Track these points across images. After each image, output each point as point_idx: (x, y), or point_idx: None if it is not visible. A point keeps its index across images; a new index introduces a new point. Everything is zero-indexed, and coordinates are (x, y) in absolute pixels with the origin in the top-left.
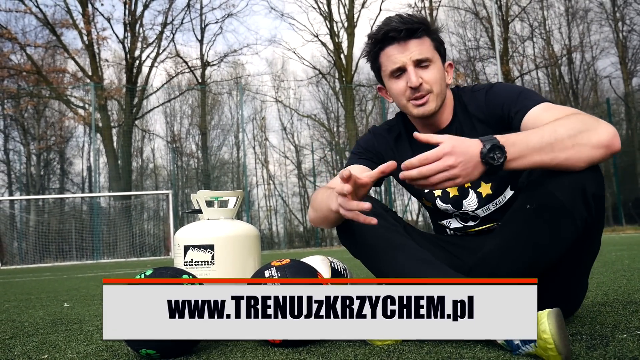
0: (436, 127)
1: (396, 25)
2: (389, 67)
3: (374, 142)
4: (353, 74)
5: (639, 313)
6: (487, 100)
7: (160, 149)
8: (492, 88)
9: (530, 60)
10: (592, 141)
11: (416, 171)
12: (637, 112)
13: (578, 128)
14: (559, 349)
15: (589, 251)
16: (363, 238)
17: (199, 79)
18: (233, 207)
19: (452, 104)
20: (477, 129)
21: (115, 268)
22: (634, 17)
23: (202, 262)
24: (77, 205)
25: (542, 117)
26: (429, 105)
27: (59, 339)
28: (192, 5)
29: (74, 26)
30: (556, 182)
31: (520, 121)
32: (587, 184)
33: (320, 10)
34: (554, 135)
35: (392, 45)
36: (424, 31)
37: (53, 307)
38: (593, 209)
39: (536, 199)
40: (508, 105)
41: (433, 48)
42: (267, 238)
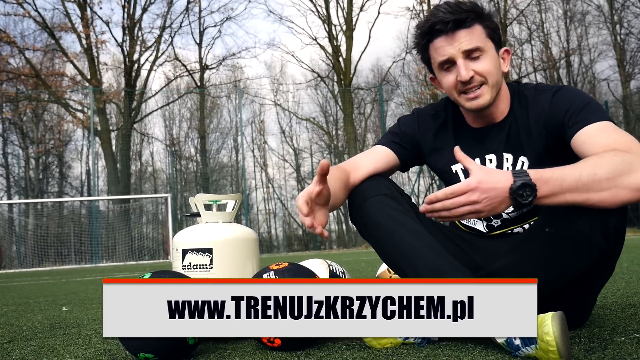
0: (490, 120)
1: (443, 16)
2: (437, 59)
3: (415, 126)
4: (352, 77)
5: (637, 316)
6: (552, 103)
7: (159, 153)
8: (560, 91)
9: (529, 63)
10: (631, 185)
11: (440, 204)
12: (635, 114)
13: (620, 170)
14: (561, 352)
15: (602, 274)
16: (375, 219)
17: (198, 83)
18: (231, 210)
19: (508, 96)
20: (532, 132)
21: (114, 271)
22: (632, 19)
23: (201, 266)
24: (76, 209)
25: (595, 139)
26: (483, 98)
27: (57, 343)
28: (190, 9)
29: (73, 30)
30: (579, 211)
31: (573, 134)
32: (610, 216)
33: (319, 13)
34: (593, 177)
35: (439, 37)
36: (473, 20)
37: (51, 311)
38: (612, 240)
39: (556, 224)
40: (570, 114)
41: (485, 36)
42: (266, 241)
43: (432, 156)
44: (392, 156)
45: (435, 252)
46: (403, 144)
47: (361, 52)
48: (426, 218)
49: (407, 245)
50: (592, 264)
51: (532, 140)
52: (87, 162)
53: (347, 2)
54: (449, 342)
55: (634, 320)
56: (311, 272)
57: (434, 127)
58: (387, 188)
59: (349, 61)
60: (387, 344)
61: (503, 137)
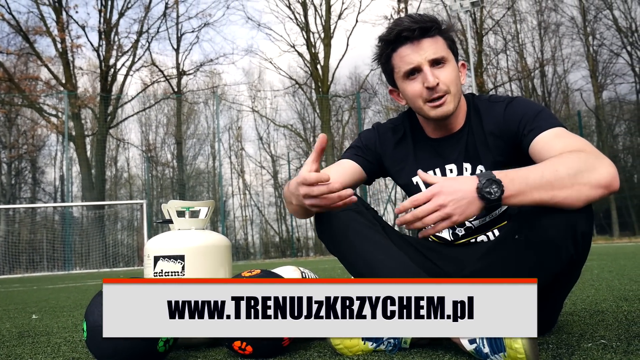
0: (449, 130)
1: (408, 24)
2: (402, 68)
3: (376, 141)
4: (329, 85)
5: (604, 322)
6: (506, 114)
7: (135, 158)
8: (512, 102)
9: (504, 73)
10: (592, 181)
11: (410, 215)
12: (607, 124)
13: (579, 167)
14: (529, 359)
15: (569, 280)
16: (341, 234)
17: (175, 88)
18: (204, 217)
19: (465, 108)
20: (488, 142)
21: (87, 279)
22: (604, 31)
23: (172, 273)
24: (49, 215)
25: (551, 144)
26: (446, 106)
27: (24, 351)
28: (168, 14)
29: (48, 33)
30: (548, 218)
31: (530, 142)
32: (578, 222)
33: (297, 20)
34: (555, 174)
35: (405, 46)
36: (436, 30)
37: (20, 319)
38: (580, 247)
39: (526, 231)
40: (524, 123)
41: (446, 47)
42: (243, 248)
43: (393, 169)
44: (358, 169)
45: (401, 264)
46: (367, 157)
47: (339, 59)
48: (392, 231)
49: (374, 258)
50: (561, 270)
51: (488, 150)
52: (61, 168)
53: (326, 10)
54: (420, 349)
55: (601, 326)
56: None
57: (394, 140)
58: (352, 203)
59: (327, 69)
60: (358, 351)
61: (462, 147)
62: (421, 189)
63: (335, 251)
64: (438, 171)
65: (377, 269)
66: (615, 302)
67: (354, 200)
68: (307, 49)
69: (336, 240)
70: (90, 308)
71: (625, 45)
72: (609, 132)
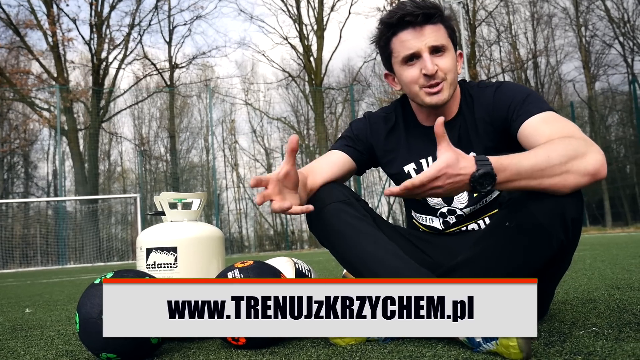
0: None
1: (412, 9)
2: (402, 52)
3: (367, 131)
4: (323, 77)
5: (596, 310)
6: (495, 98)
7: (128, 152)
8: (500, 87)
9: (497, 64)
10: (580, 169)
11: (418, 190)
12: (599, 115)
13: (569, 155)
14: (521, 346)
15: (560, 267)
16: (332, 226)
17: (167, 82)
18: (197, 209)
19: (459, 96)
20: (479, 129)
21: (82, 273)
22: (597, 22)
23: (165, 265)
24: (42, 210)
25: (540, 129)
26: (442, 93)
27: (17, 345)
28: (160, 7)
29: (39, 27)
30: (538, 204)
31: (518, 127)
32: (567, 208)
33: (290, 13)
34: (546, 162)
35: (406, 30)
36: (439, 17)
37: (14, 313)
38: (570, 233)
39: (516, 218)
40: (513, 108)
41: (447, 35)
42: (237, 241)
43: (385, 158)
44: (349, 160)
45: (393, 255)
46: (357, 148)
47: (332, 52)
48: (383, 222)
49: (365, 250)
50: (552, 256)
51: (479, 137)
52: (53, 162)
53: (318, 1)
54: (412, 339)
55: (593, 314)
56: (276, 270)
57: (385, 129)
58: (343, 195)
59: (320, 61)
60: (352, 341)
61: (455, 135)
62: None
63: (327, 243)
64: (430, 159)
65: (368, 260)
66: (608, 290)
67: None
68: (300, 41)
69: (327, 233)
70: (83, 300)
71: (618, 36)
72: (602, 123)
